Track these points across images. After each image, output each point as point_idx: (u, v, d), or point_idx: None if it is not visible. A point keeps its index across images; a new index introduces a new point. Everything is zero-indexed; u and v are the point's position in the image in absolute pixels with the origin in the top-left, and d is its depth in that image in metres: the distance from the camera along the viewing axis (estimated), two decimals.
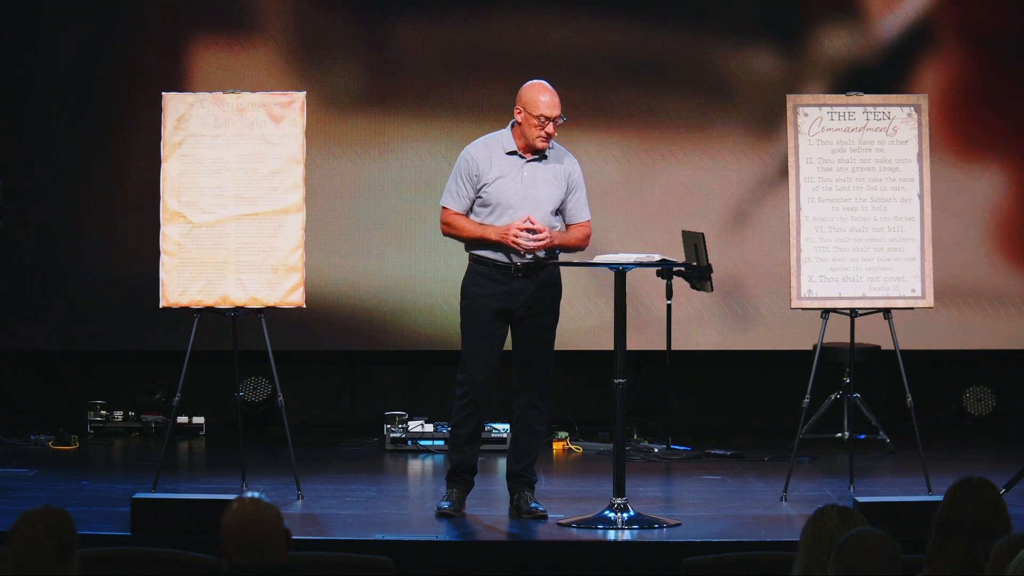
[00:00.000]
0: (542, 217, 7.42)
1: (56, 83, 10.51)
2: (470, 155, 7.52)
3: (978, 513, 4.26)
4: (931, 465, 8.07)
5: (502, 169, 7.46)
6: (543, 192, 7.46)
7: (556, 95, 7.45)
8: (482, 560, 6.87)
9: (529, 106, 7.41)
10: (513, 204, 7.42)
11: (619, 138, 10.51)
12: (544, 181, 7.47)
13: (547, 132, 7.40)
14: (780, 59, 10.58)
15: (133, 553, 5.41)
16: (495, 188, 7.44)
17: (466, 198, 7.50)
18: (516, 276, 7.43)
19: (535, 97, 7.42)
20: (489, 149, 7.51)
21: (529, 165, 7.47)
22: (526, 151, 7.47)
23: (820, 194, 8.22)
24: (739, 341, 10.60)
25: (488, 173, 7.46)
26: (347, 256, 10.47)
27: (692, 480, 8.89)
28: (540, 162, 7.48)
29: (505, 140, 7.51)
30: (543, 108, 7.39)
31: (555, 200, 7.48)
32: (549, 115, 7.38)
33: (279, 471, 8.69)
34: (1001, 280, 10.56)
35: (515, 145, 7.48)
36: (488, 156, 7.48)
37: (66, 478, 8.67)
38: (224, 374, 9.02)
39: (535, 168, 7.48)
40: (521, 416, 7.54)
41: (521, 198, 7.43)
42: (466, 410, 7.51)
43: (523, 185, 7.44)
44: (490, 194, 7.45)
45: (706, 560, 5.24)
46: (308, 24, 10.53)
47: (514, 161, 7.47)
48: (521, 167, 7.47)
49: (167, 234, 8.14)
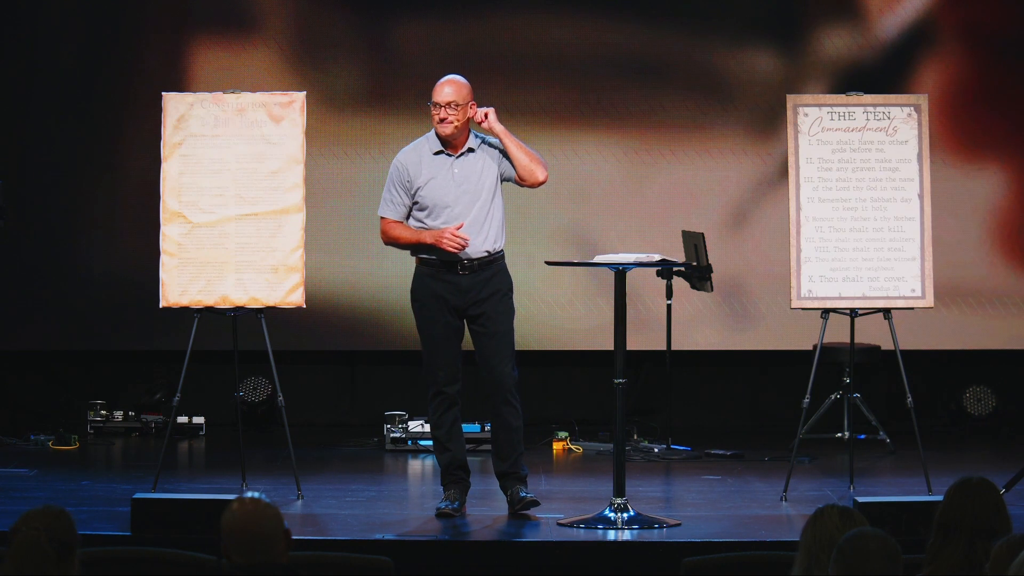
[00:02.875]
0: (483, 208, 7.46)
1: (56, 83, 10.51)
2: (399, 162, 7.58)
3: (978, 513, 4.26)
4: (931, 465, 8.07)
5: (432, 171, 7.51)
6: (476, 184, 7.50)
7: (456, 83, 7.51)
8: (482, 560, 6.87)
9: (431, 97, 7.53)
10: (449, 202, 7.48)
11: (619, 138, 10.51)
12: (475, 172, 7.51)
13: (440, 117, 7.46)
14: (780, 59, 10.58)
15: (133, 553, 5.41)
16: (428, 190, 7.49)
17: (401, 205, 7.55)
18: (462, 273, 7.47)
19: (434, 89, 7.54)
20: (418, 153, 7.57)
21: (458, 161, 7.52)
22: (451, 149, 7.52)
23: (820, 194, 8.22)
24: (739, 341, 10.60)
25: (419, 177, 7.51)
26: (347, 256, 10.48)
27: (692, 480, 8.89)
28: (468, 156, 7.52)
29: (431, 141, 7.58)
30: (434, 94, 7.50)
31: (489, 188, 7.51)
32: (438, 101, 7.48)
33: (279, 471, 8.69)
34: (1001, 280, 10.56)
35: (440, 144, 7.53)
36: (417, 160, 7.54)
37: (66, 478, 8.67)
38: (224, 374, 9.01)
39: (464, 163, 7.52)
40: (497, 415, 7.56)
41: (456, 195, 7.48)
42: (439, 409, 7.55)
43: (456, 182, 7.49)
44: (425, 196, 7.50)
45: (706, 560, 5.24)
46: (308, 24, 10.54)
47: (442, 160, 7.53)
48: (451, 165, 7.52)
49: (167, 234, 8.14)
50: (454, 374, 7.54)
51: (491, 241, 7.52)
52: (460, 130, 7.50)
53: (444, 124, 7.47)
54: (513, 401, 7.53)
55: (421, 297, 7.58)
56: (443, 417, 7.55)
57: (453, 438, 7.58)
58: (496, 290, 7.53)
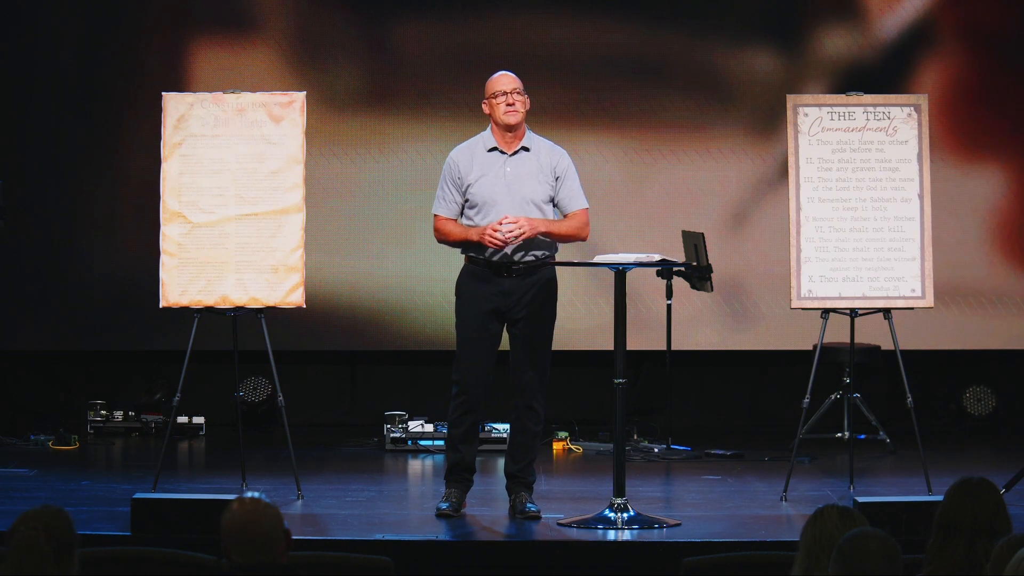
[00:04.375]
0: (528, 212, 7.44)
1: (56, 83, 10.51)
2: (452, 159, 7.57)
3: (978, 513, 4.26)
4: (931, 465, 8.07)
5: (484, 168, 7.49)
6: (528, 186, 7.47)
7: (510, 75, 7.55)
8: (482, 560, 6.87)
9: (488, 91, 7.53)
10: (499, 200, 7.45)
11: (619, 138, 10.51)
12: (527, 174, 7.49)
13: (508, 104, 7.45)
14: (780, 59, 10.58)
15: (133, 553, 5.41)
16: (479, 187, 7.47)
17: (454, 202, 7.53)
18: (508, 276, 7.45)
19: (490, 81, 7.56)
20: (471, 150, 7.56)
21: (512, 160, 7.50)
22: (506, 145, 7.50)
23: (820, 194, 8.22)
24: (739, 341, 10.60)
25: (471, 174, 7.49)
26: (347, 256, 10.47)
27: (692, 480, 8.89)
28: (523, 156, 7.50)
29: (486, 139, 7.56)
30: (497, 85, 7.51)
31: (540, 193, 7.49)
32: (504, 89, 7.48)
33: (279, 471, 8.69)
34: (1001, 280, 10.56)
35: (495, 142, 7.52)
36: (469, 157, 7.52)
37: (66, 478, 8.67)
38: (224, 374, 9.01)
39: (517, 163, 7.50)
40: (517, 417, 7.55)
41: (506, 194, 7.45)
42: (460, 409, 7.53)
43: (506, 181, 7.47)
44: (475, 194, 7.48)
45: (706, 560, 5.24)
46: (308, 24, 10.54)
47: (495, 158, 7.51)
48: (503, 163, 7.50)
49: (167, 234, 8.14)
50: (482, 379, 7.50)
51: (539, 245, 7.48)
52: (522, 120, 7.51)
53: (512, 112, 7.45)
54: (537, 407, 7.53)
55: (463, 294, 7.56)
56: (463, 418, 7.54)
57: (468, 440, 7.57)
58: (539, 297, 7.50)
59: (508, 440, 7.72)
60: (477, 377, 7.49)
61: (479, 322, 7.48)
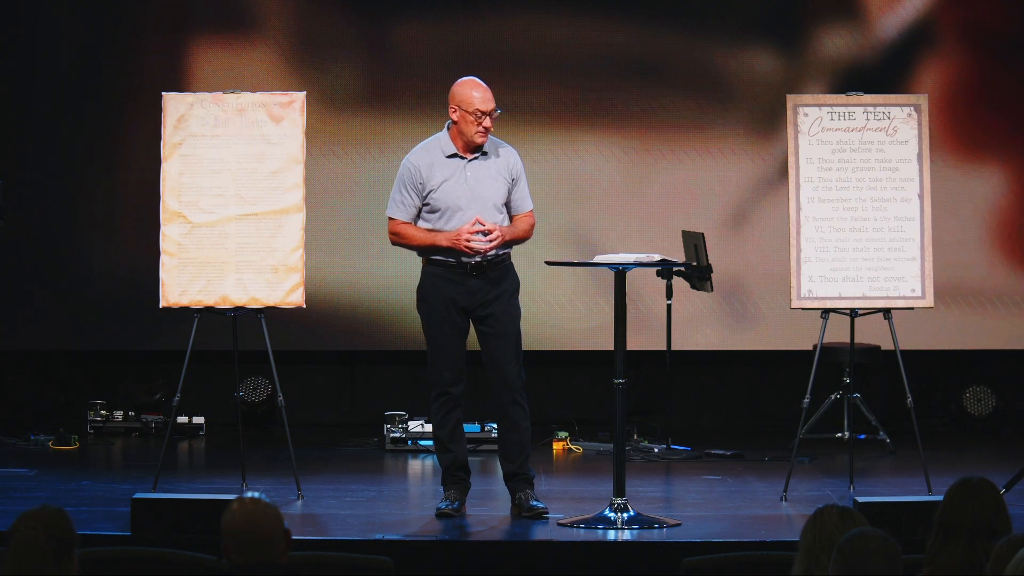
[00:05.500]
0: (491, 215, 7.45)
1: (56, 83, 10.51)
2: (411, 163, 7.53)
3: (978, 513, 4.26)
4: (931, 465, 8.07)
5: (445, 173, 7.48)
6: (489, 190, 7.48)
7: (488, 89, 7.49)
8: (482, 560, 6.86)
9: (464, 103, 7.44)
10: (462, 206, 7.45)
11: (619, 138, 10.51)
12: (488, 178, 7.50)
13: (484, 127, 7.43)
14: (780, 59, 10.57)
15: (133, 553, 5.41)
16: (441, 192, 7.46)
17: (412, 206, 7.52)
18: (472, 275, 7.45)
19: (468, 94, 7.46)
20: (430, 154, 7.53)
21: (471, 164, 7.50)
22: (465, 151, 7.49)
23: (820, 194, 8.22)
24: (739, 341, 10.60)
25: (432, 179, 7.47)
26: (347, 256, 10.47)
27: (692, 480, 8.88)
28: (481, 160, 7.50)
29: (444, 143, 7.53)
30: (478, 103, 7.43)
31: (501, 195, 7.51)
32: (484, 109, 7.43)
33: (279, 471, 8.69)
34: (1001, 280, 10.56)
35: (454, 147, 7.50)
36: (430, 162, 7.50)
37: (66, 478, 8.67)
38: (224, 374, 9.01)
39: (477, 167, 7.50)
40: (505, 415, 7.54)
41: (469, 199, 7.45)
42: (444, 409, 7.53)
43: (469, 186, 7.47)
44: (437, 199, 7.47)
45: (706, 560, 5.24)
46: (308, 24, 10.54)
47: (455, 163, 7.50)
48: (464, 168, 7.49)
49: (167, 234, 8.14)
50: (459, 375, 7.53)
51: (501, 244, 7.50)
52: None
53: (483, 136, 7.43)
54: (522, 402, 7.53)
55: (429, 298, 7.56)
56: (446, 418, 7.54)
57: (455, 439, 7.57)
58: (504, 291, 7.52)
59: (500, 442, 7.67)
60: (454, 375, 7.50)
61: (450, 321, 7.49)
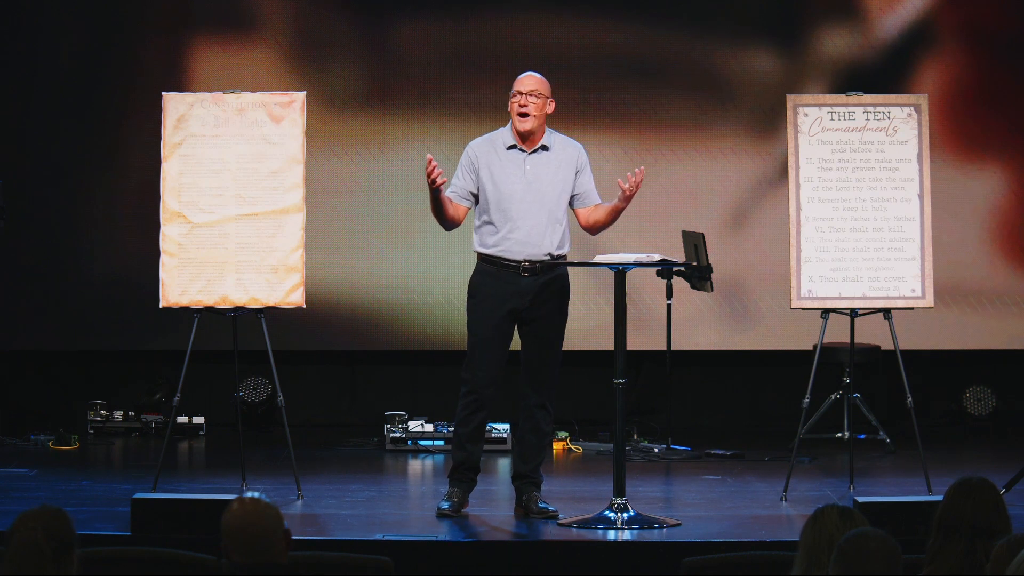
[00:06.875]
0: (549, 210, 7.44)
1: (56, 83, 10.51)
2: (472, 149, 7.56)
3: (978, 513, 4.26)
4: (931, 465, 8.07)
5: (504, 164, 7.48)
6: (547, 185, 7.47)
7: (536, 76, 7.54)
8: (482, 560, 6.86)
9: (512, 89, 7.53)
10: (516, 198, 7.44)
11: (619, 138, 10.51)
12: (547, 173, 7.48)
13: (520, 105, 7.44)
14: (780, 59, 10.58)
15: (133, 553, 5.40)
16: (498, 183, 7.46)
17: (461, 188, 7.52)
18: (524, 276, 7.44)
19: (516, 79, 7.56)
20: (492, 144, 7.56)
21: (531, 158, 7.50)
22: (522, 142, 7.49)
23: (820, 194, 8.22)
24: (739, 341, 10.60)
25: (489, 167, 7.48)
26: (347, 256, 10.48)
27: (692, 480, 8.88)
28: (542, 154, 7.50)
29: (504, 134, 7.55)
30: (516, 85, 7.52)
31: (560, 190, 7.49)
32: (521, 89, 7.48)
33: (279, 471, 8.69)
34: (1001, 280, 10.56)
35: (514, 139, 7.50)
36: (490, 150, 7.52)
37: (66, 478, 8.67)
38: (224, 374, 9.01)
39: (536, 161, 7.49)
40: (529, 417, 7.53)
41: (524, 191, 7.45)
42: (470, 408, 7.51)
43: (526, 179, 7.46)
44: (493, 190, 7.46)
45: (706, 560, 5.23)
46: (308, 24, 10.54)
47: (515, 155, 7.51)
48: (523, 160, 7.49)
49: (167, 234, 8.14)
50: (493, 378, 7.49)
51: (555, 245, 7.48)
52: (538, 125, 7.49)
53: (524, 117, 7.44)
54: (549, 407, 7.53)
55: (478, 294, 7.53)
56: (471, 416, 7.51)
57: (475, 439, 7.56)
58: (554, 296, 7.50)
59: (518, 440, 7.66)
60: (489, 377, 7.47)
61: (495, 322, 7.46)
